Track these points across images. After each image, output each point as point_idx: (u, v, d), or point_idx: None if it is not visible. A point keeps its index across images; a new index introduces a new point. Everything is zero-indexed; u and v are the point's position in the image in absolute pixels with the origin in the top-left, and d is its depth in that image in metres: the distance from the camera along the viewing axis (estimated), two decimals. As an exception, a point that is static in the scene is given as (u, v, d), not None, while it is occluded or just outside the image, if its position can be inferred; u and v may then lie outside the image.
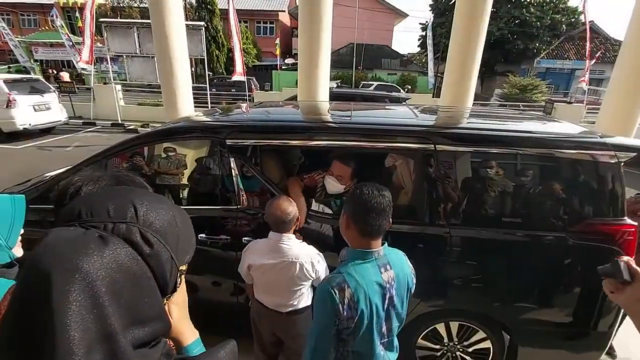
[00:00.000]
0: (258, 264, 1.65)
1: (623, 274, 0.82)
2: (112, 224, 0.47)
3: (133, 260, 0.46)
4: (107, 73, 13.99)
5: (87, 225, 0.46)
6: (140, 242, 0.47)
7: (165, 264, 0.51)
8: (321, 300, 1.14)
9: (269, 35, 29.27)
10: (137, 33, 9.04)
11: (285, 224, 1.63)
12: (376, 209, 1.13)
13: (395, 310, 1.22)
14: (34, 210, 2.28)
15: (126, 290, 0.44)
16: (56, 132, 9.46)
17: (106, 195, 0.52)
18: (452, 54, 5.42)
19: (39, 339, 0.37)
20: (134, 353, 0.44)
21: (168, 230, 0.52)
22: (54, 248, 0.41)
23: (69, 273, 0.39)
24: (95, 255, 0.41)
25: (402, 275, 1.22)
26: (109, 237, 0.45)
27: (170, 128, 2.29)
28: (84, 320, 0.38)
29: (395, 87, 17.18)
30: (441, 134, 1.92)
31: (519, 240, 1.85)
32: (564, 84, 24.17)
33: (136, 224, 0.48)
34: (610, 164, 1.76)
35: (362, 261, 1.16)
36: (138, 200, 0.51)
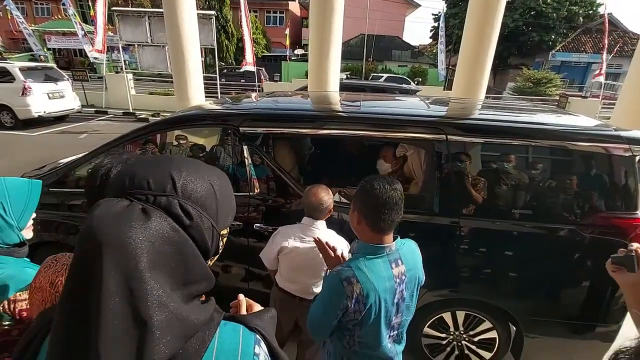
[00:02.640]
0: (291, 247, 1.68)
1: (635, 267, 0.87)
2: (152, 196, 0.49)
3: (174, 231, 0.48)
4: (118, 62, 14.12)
5: (131, 197, 0.49)
6: (180, 214, 0.49)
7: (206, 231, 0.53)
8: (329, 289, 1.15)
9: (278, 25, 29.09)
10: (149, 22, 9.07)
11: (319, 212, 1.67)
12: (388, 203, 1.09)
13: (405, 304, 1.21)
14: (52, 194, 2.37)
15: (170, 259, 0.46)
16: (70, 120, 9.62)
17: (146, 167, 0.53)
18: (465, 45, 5.33)
19: (95, 304, 0.40)
20: (190, 306, 0.48)
21: (207, 199, 0.54)
22: (104, 222, 0.44)
23: (119, 246, 0.42)
24: (139, 229, 0.44)
25: (413, 270, 1.21)
26: (151, 210, 0.47)
27: (183, 116, 2.32)
28: (139, 289, 0.42)
29: (405, 80, 16.97)
30: (453, 124, 1.92)
31: (530, 232, 1.86)
32: (579, 78, 23.56)
33: (175, 196, 0.50)
34: (625, 157, 1.75)
35: (373, 256, 1.14)
36: (176, 172, 0.53)
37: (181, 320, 0.46)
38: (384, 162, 2.31)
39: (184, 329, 0.46)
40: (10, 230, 0.99)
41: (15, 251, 1.02)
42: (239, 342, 0.53)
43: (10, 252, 1.00)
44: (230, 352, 0.51)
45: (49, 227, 2.38)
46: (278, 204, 2.05)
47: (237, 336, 0.54)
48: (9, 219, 0.98)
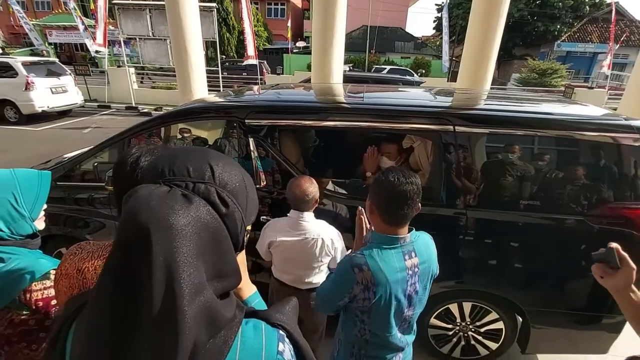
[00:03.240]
0: (278, 241, 1.69)
1: (617, 260, 0.87)
2: (192, 183, 0.50)
3: (213, 218, 0.49)
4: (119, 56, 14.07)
5: (171, 183, 0.49)
6: (218, 202, 0.50)
7: (238, 222, 0.54)
8: (339, 272, 1.17)
9: (279, 17, 28.83)
10: (150, 15, 9.00)
11: (305, 203, 1.66)
12: (402, 197, 1.07)
13: (417, 296, 1.21)
14: (59, 188, 2.39)
15: (208, 247, 0.47)
16: (73, 115, 9.64)
17: (185, 155, 0.54)
18: (470, 35, 5.26)
19: (144, 285, 0.41)
20: (219, 301, 0.49)
21: (239, 192, 0.55)
22: (149, 204, 0.44)
23: (164, 228, 0.42)
24: (182, 212, 0.44)
25: (427, 262, 1.20)
26: (192, 196, 0.48)
27: (187, 108, 2.32)
28: (181, 272, 0.42)
29: (408, 71, 16.81)
30: (461, 115, 1.90)
31: (537, 223, 1.85)
32: (585, 68, 23.24)
33: (213, 184, 0.51)
34: (635, 147, 1.73)
35: (386, 246, 1.14)
36: (214, 162, 0.54)
37: (211, 311, 0.46)
38: (387, 160, 2.28)
39: (212, 323, 0.46)
40: (23, 221, 1.00)
41: (29, 242, 1.03)
42: (262, 341, 0.52)
43: (23, 244, 1.01)
44: (254, 352, 0.50)
45: (57, 220, 2.39)
46: (284, 196, 2.04)
47: (260, 335, 0.53)
48: (21, 209, 0.99)
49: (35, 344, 0.98)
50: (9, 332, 0.93)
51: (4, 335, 0.93)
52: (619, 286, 0.89)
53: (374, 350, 1.24)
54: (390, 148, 2.29)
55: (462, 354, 2.17)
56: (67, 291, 0.79)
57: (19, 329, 0.94)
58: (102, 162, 2.37)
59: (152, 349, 0.41)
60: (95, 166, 2.31)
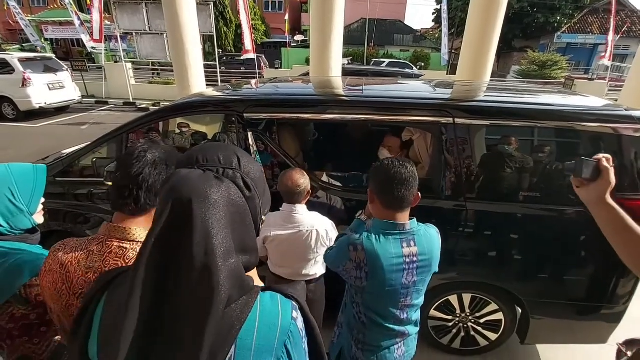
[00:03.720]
0: (273, 236, 1.68)
1: (583, 172, 0.88)
2: (222, 168, 0.59)
3: (240, 198, 0.58)
4: (116, 51, 13.96)
5: (204, 168, 0.58)
6: (242, 186, 0.59)
7: (257, 207, 0.62)
8: (337, 247, 1.23)
9: (277, 10, 28.57)
10: (146, 9, 8.91)
11: (296, 195, 1.66)
12: (397, 178, 1.12)
13: (415, 287, 1.21)
14: (58, 184, 2.38)
15: (236, 221, 0.56)
16: (71, 111, 9.59)
17: (216, 147, 0.63)
18: (470, 27, 5.21)
19: (187, 245, 0.49)
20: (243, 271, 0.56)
21: (259, 181, 0.64)
22: (189, 181, 0.53)
23: (203, 198, 0.51)
24: (216, 188, 0.54)
25: (428, 255, 1.20)
26: (222, 178, 0.57)
27: (186, 103, 2.30)
28: (217, 234, 0.51)
29: (408, 65, 16.71)
30: (460, 106, 1.89)
31: (536, 215, 1.85)
32: (585, 60, 23.10)
33: (239, 171, 0.60)
34: (635, 138, 1.72)
35: (385, 232, 1.16)
36: (240, 154, 0.63)
37: (239, 275, 0.54)
38: (388, 153, 2.29)
39: (240, 285, 0.54)
40: (21, 215, 1.00)
41: (28, 237, 1.03)
42: (278, 307, 0.59)
43: (23, 239, 1.02)
44: (272, 315, 0.57)
45: (57, 216, 2.39)
46: (283, 190, 2.04)
47: (277, 302, 0.60)
48: (18, 204, 0.99)
49: (37, 338, 0.99)
50: (11, 327, 0.94)
51: (5, 330, 0.93)
52: (591, 198, 0.88)
53: (371, 337, 1.26)
54: (391, 141, 2.29)
55: (462, 344, 2.18)
56: (50, 287, 0.79)
57: (20, 323, 0.94)
58: (100, 158, 2.36)
59: (193, 297, 0.48)
60: (94, 162, 2.30)
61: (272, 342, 0.54)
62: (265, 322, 0.55)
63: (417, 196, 1.20)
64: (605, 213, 0.87)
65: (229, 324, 0.51)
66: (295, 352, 0.57)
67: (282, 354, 0.55)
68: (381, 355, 1.28)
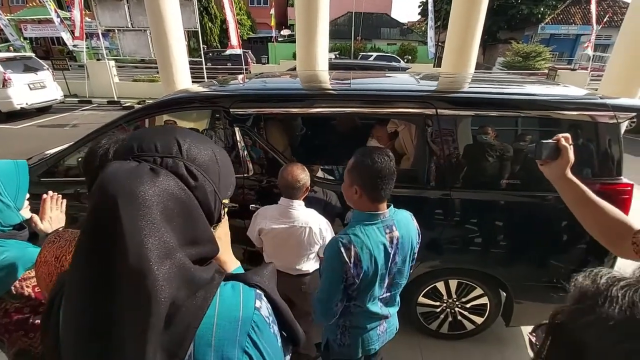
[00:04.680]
0: (268, 229, 1.71)
1: (543, 154, 0.97)
2: (160, 158, 0.53)
3: (181, 190, 0.52)
4: (98, 49, 13.62)
5: (139, 159, 0.52)
6: (186, 175, 0.53)
7: (210, 195, 0.57)
8: (330, 257, 1.20)
9: (263, 5, 28.24)
10: (128, 5, 8.70)
11: (295, 190, 1.67)
12: (386, 174, 1.16)
13: (397, 267, 1.27)
14: (43, 184, 2.35)
15: (177, 215, 0.50)
16: (53, 111, 9.36)
17: (153, 133, 0.57)
18: (454, 19, 5.27)
19: (114, 249, 0.45)
20: (193, 267, 0.52)
21: (209, 165, 0.58)
22: (116, 177, 0.48)
23: (131, 198, 0.46)
24: (148, 184, 0.48)
25: (406, 236, 1.26)
26: (159, 169, 0.51)
27: (171, 99, 2.28)
28: (148, 235, 0.46)
29: (395, 58, 16.79)
30: (443, 98, 1.93)
31: (519, 201, 1.91)
32: (568, 50, 23.52)
33: (181, 159, 0.54)
34: (610, 125, 1.78)
35: (368, 223, 1.20)
36: (181, 138, 0.57)
37: (185, 273, 0.49)
38: (377, 143, 2.32)
39: (187, 283, 0.50)
40: (9, 211, 1.01)
41: (17, 234, 1.04)
42: (239, 298, 0.56)
43: (12, 236, 1.03)
44: (233, 308, 0.54)
45: (42, 217, 2.36)
46: (272, 184, 2.06)
47: (238, 292, 0.56)
48: (5, 199, 0.99)
49: (32, 332, 1.00)
50: (6, 321, 0.95)
51: (2, 325, 0.95)
52: (554, 175, 0.97)
53: (357, 321, 1.31)
54: (379, 131, 2.32)
55: (450, 329, 2.25)
56: (46, 278, 0.81)
57: (15, 317, 0.96)
58: (85, 157, 2.34)
59: (131, 305, 0.44)
60: (79, 161, 2.27)
61: (234, 334, 0.52)
62: (224, 316, 0.52)
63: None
64: (567, 187, 0.95)
65: (185, 324, 0.48)
66: (262, 340, 0.55)
67: (247, 344, 0.53)
68: (366, 336, 1.34)
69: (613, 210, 0.88)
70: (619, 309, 0.27)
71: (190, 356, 0.49)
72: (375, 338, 1.36)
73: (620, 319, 0.27)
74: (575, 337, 0.30)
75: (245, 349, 0.52)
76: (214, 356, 0.50)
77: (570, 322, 0.31)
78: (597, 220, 0.88)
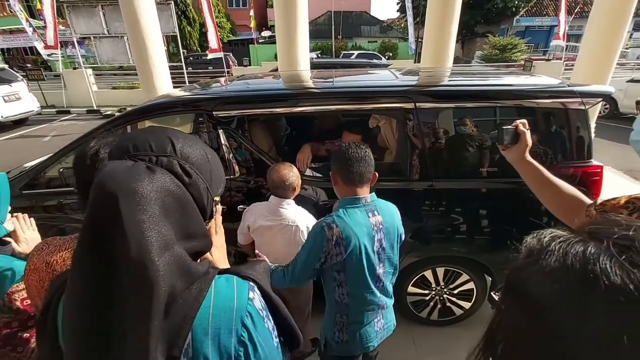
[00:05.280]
0: (257, 226, 1.73)
1: (504, 139, 1.03)
2: (155, 157, 0.55)
3: (177, 186, 0.54)
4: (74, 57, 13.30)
5: (135, 158, 0.54)
6: (180, 173, 0.56)
7: (203, 192, 0.59)
8: (312, 235, 1.29)
9: (241, 7, 28.01)
10: (103, 12, 8.52)
11: (283, 189, 1.69)
12: (355, 157, 1.28)
13: (386, 254, 1.33)
14: (24, 196, 2.31)
15: (174, 211, 0.53)
16: (30, 123, 9.10)
17: (147, 134, 0.59)
18: (430, 15, 5.38)
19: (115, 244, 0.46)
20: (190, 260, 0.54)
21: (202, 164, 0.60)
22: (115, 175, 0.49)
23: (130, 194, 0.48)
24: (146, 180, 0.50)
25: (390, 223, 1.33)
26: (155, 167, 0.53)
27: (153, 104, 2.27)
28: (148, 229, 0.48)
29: (376, 55, 16.92)
30: (420, 92, 1.99)
31: (499, 188, 1.99)
32: (543, 41, 24.21)
33: (175, 157, 0.57)
34: (579, 110, 1.88)
35: (350, 206, 1.29)
36: (174, 138, 0.59)
37: (182, 265, 0.52)
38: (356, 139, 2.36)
39: (184, 275, 0.52)
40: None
41: (2, 249, 1.03)
42: (233, 290, 0.58)
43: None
44: (227, 298, 0.56)
45: (26, 230, 2.31)
46: (259, 184, 2.08)
47: (232, 285, 0.59)
48: None
49: (20, 346, 0.99)
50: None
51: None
52: (514, 158, 1.04)
53: (354, 315, 1.34)
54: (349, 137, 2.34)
55: (440, 315, 2.32)
56: (37, 285, 0.81)
57: (4, 332, 0.95)
58: (67, 167, 2.31)
59: (133, 297, 0.46)
60: (62, 172, 2.25)
61: (229, 323, 0.55)
62: (219, 306, 0.55)
63: (375, 175, 1.35)
64: (527, 169, 1.02)
65: (182, 314, 0.51)
66: (256, 330, 0.57)
67: (242, 332, 0.55)
68: (364, 331, 1.37)
69: (568, 188, 0.95)
70: (554, 259, 0.33)
71: (188, 345, 0.51)
72: (373, 335, 1.39)
73: (554, 267, 0.32)
74: (522, 287, 0.35)
75: (241, 338, 0.55)
76: (211, 345, 0.52)
77: (519, 275, 0.36)
78: (555, 198, 0.95)
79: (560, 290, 0.31)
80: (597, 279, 0.29)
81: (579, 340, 0.29)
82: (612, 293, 0.28)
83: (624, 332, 0.27)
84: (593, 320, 0.28)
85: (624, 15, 4.74)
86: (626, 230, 0.32)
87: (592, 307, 0.29)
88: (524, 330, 0.35)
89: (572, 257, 0.32)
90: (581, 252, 0.31)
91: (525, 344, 0.35)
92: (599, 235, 0.33)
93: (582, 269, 0.30)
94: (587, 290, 0.29)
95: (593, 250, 0.31)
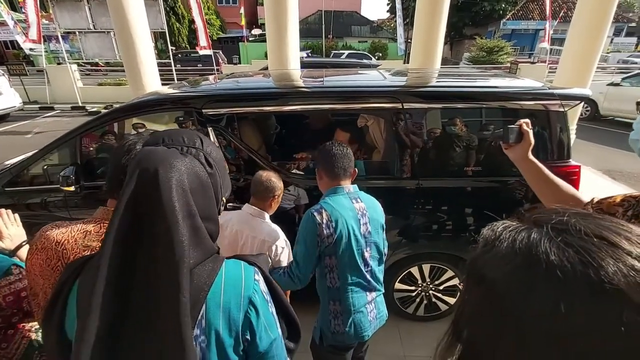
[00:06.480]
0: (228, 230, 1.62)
1: (510, 138, 1.05)
2: (186, 147, 0.65)
3: (203, 172, 0.64)
4: (58, 52, 12.96)
5: (169, 146, 0.64)
6: (205, 163, 0.66)
7: (218, 185, 0.69)
8: (304, 224, 1.36)
9: (232, 4, 27.78)
10: (89, 6, 8.34)
11: (265, 190, 1.61)
12: (338, 154, 1.42)
13: (372, 238, 1.42)
14: (7, 194, 2.26)
15: (198, 191, 0.62)
16: (11, 119, 8.84)
17: (180, 130, 0.71)
18: (418, 17, 5.45)
19: (153, 206, 0.55)
20: (206, 234, 0.63)
21: (220, 162, 0.71)
22: (155, 152, 0.60)
23: (168, 166, 0.58)
24: (180, 160, 0.60)
25: (372, 211, 1.45)
26: (186, 154, 0.64)
27: (141, 102, 2.25)
28: (180, 198, 0.57)
29: (366, 55, 17.02)
30: (407, 92, 2.03)
31: (483, 186, 2.05)
32: (529, 44, 24.78)
33: (202, 150, 0.67)
34: (558, 112, 1.95)
35: (334, 194, 1.41)
36: (202, 136, 0.70)
37: (201, 236, 0.61)
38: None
39: (201, 246, 0.60)
40: None
41: None
42: (241, 271, 0.67)
43: None
44: (236, 277, 0.65)
45: (9, 228, 2.27)
46: (248, 182, 2.08)
47: (240, 267, 0.68)
48: None
49: (4, 342, 0.99)
50: None
51: None
52: (517, 156, 1.07)
53: (346, 298, 1.38)
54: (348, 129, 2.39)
55: (426, 311, 2.37)
56: (42, 264, 0.80)
57: None
58: (52, 165, 2.27)
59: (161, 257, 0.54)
60: (46, 169, 2.21)
61: (238, 299, 0.63)
62: (230, 283, 0.63)
63: (355, 171, 1.48)
64: (529, 167, 1.05)
65: (199, 287, 0.58)
66: (261, 307, 0.65)
67: (250, 308, 0.63)
68: (357, 319, 1.41)
69: (567, 187, 1.00)
70: (505, 246, 0.37)
71: (202, 317, 0.59)
72: (367, 324, 1.44)
73: (505, 252, 0.37)
74: (479, 273, 0.39)
75: (247, 314, 0.63)
76: (222, 316, 0.61)
77: (476, 263, 0.40)
78: (555, 196, 0.99)
79: (510, 272, 0.35)
80: (539, 259, 0.33)
81: (527, 314, 0.33)
82: (552, 270, 0.32)
83: (562, 302, 0.31)
84: (538, 295, 0.32)
85: (603, 20, 4.90)
86: (562, 216, 0.36)
87: (536, 284, 0.33)
88: (483, 313, 0.39)
89: (519, 242, 0.36)
90: (526, 237, 0.36)
91: (484, 325, 0.38)
92: (541, 222, 0.37)
93: (527, 252, 0.35)
94: (532, 269, 0.33)
95: (535, 235, 0.36)
